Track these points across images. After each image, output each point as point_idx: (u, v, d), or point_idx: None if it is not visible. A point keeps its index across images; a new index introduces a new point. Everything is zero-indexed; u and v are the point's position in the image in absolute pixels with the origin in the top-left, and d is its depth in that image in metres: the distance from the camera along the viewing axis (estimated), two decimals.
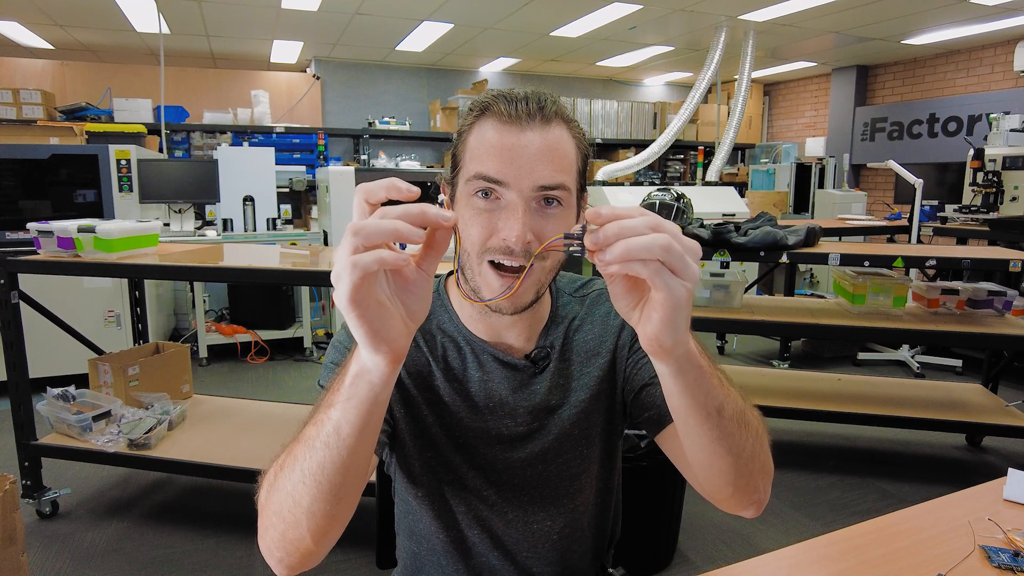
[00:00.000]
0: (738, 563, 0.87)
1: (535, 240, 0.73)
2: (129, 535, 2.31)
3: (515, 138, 0.73)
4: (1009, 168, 4.37)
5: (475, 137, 0.76)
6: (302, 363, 4.44)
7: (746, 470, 0.72)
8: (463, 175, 0.77)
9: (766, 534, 2.36)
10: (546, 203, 0.74)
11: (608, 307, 0.92)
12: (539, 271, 0.78)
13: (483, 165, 0.73)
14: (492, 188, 0.73)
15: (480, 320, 0.87)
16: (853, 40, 6.03)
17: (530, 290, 0.78)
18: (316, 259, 2.56)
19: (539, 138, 0.73)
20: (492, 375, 0.87)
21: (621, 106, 7.43)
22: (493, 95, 0.76)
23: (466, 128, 0.78)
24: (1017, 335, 2.53)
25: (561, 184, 0.74)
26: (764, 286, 5.52)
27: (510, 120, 0.74)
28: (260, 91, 6.28)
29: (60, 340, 2.72)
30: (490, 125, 0.75)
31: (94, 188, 3.91)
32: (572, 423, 0.89)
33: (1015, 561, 0.86)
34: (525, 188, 0.73)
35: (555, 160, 0.74)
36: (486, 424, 0.87)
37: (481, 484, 0.88)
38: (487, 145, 0.74)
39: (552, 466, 0.89)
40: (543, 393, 0.88)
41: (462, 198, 0.77)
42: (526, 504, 0.90)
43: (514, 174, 0.72)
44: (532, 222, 0.73)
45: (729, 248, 2.70)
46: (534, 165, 0.73)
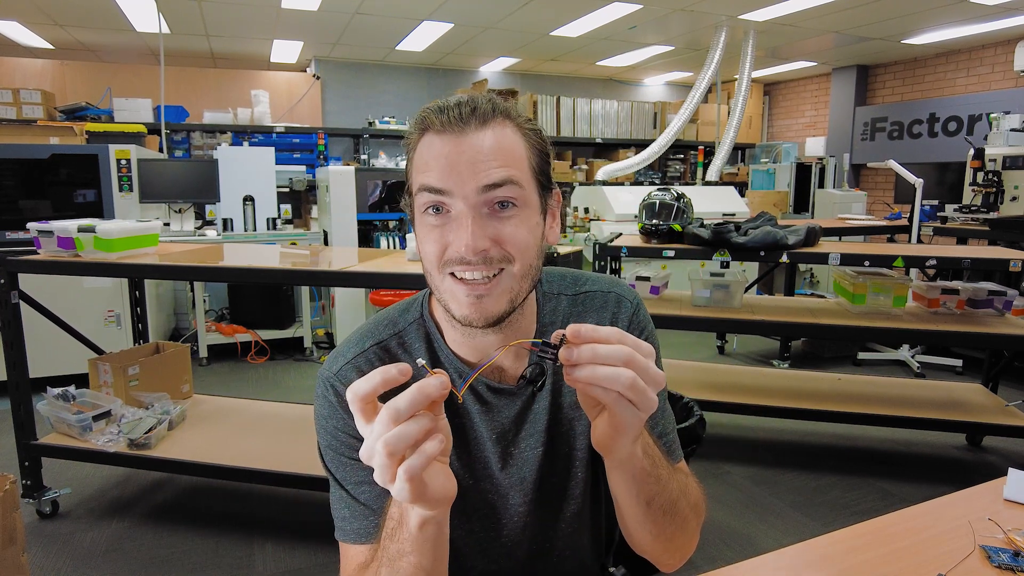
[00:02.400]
0: (738, 563, 0.87)
1: (494, 245, 0.71)
2: (129, 535, 2.31)
3: (453, 145, 0.71)
4: (1009, 168, 4.37)
5: (417, 154, 0.74)
6: (302, 363, 4.44)
7: (660, 547, 0.80)
8: (412, 192, 0.75)
9: (766, 534, 2.36)
10: (500, 207, 0.72)
11: (598, 316, 0.88)
12: (508, 278, 0.73)
13: (424, 177, 0.71)
14: (440, 202, 0.71)
15: (465, 343, 0.81)
16: (853, 40, 6.03)
17: (501, 299, 0.73)
18: (316, 259, 2.56)
19: (477, 139, 0.71)
20: (491, 405, 0.82)
21: (621, 106, 7.43)
22: (428, 109, 0.74)
23: (412, 146, 0.75)
24: (1017, 335, 2.53)
25: (507, 179, 0.71)
26: (764, 286, 5.51)
27: (444, 129, 0.71)
28: (260, 91, 6.28)
29: (60, 340, 2.72)
30: (429, 139, 0.72)
31: (94, 188, 3.91)
32: (581, 434, 0.86)
33: (1015, 561, 0.86)
34: (470, 193, 0.70)
35: (497, 158, 0.71)
36: (493, 456, 0.83)
37: (482, 511, 0.85)
38: (427, 157, 0.72)
39: (546, 479, 0.87)
40: (544, 415, 0.84)
41: (416, 217, 0.75)
42: (527, 520, 0.87)
43: (455, 180, 0.70)
44: (487, 227, 0.71)
45: (729, 248, 2.70)
46: (475, 168, 0.70)
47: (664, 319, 2.77)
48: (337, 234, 4.56)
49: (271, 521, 2.43)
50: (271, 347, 4.55)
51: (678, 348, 4.74)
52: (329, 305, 4.92)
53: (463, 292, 0.72)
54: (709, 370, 3.56)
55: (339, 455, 0.80)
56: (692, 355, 4.53)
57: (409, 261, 2.22)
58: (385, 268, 2.13)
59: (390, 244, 4.99)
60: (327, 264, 2.38)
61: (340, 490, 0.81)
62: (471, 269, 0.71)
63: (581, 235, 5.14)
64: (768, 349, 4.74)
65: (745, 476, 2.81)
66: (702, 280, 2.93)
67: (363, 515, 0.79)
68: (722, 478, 2.78)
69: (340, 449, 0.80)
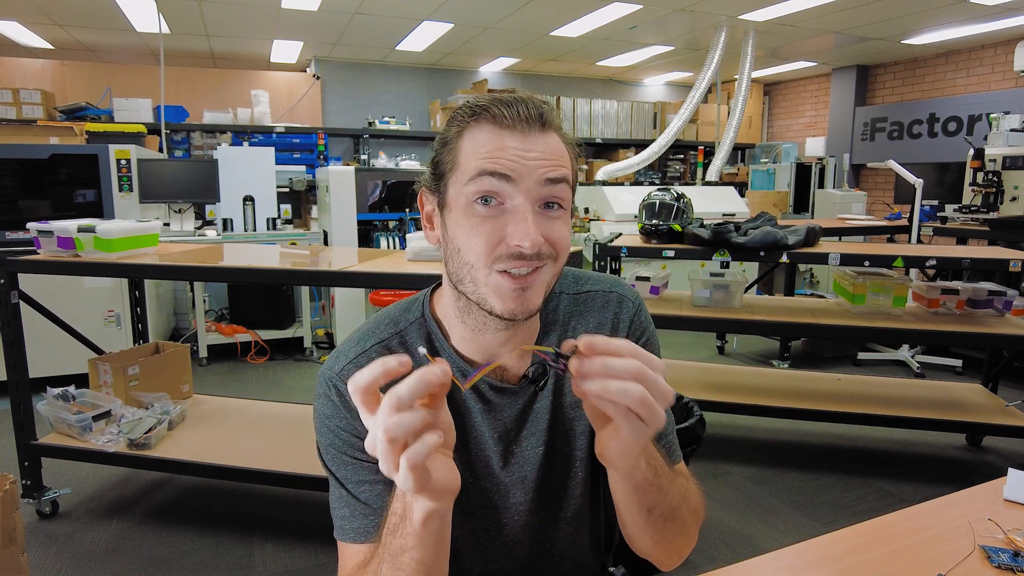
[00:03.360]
0: (738, 563, 0.87)
1: (545, 242, 0.72)
2: (129, 535, 2.31)
3: (518, 141, 0.71)
4: (1009, 168, 4.37)
5: (470, 141, 0.72)
6: (302, 363, 4.44)
7: (661, 550, 0.82)
8: (458, 180, 0.72)
9: (766, 534, 2.36)
10: (547, 207, 0.72)
11: (600, 316, 0.88)
12: (547, 273, 0.74)
13: (488, 163, 0.70)
14: (497, 191, 0.70)
15: (473, 340, 0.80)
16: (853, 40, 6.03)
17: (539, 292, 0.74)
18: (316, 259, 2.56)
19: (541, 142, 0.72)
20: (493, 404, 0.82)
21: (621, 106, 7.43)
22: (487, 99, 0.73)
23: (453, 135, 0.74)
24: (1017, 335, 2.53)
25: (564, 178, 0.72)
26: (764, 286, 5.51)
27: (510, 124, 0.71)
28: (260, 91, 6.28)
29: (60, 340, 2.72)
30: (486, 129, 0.72)
31: (94, 188, 3.91)
32: (581, 433, 0.86)
33: (1015, 561, 0.86)
34: (532, 185, 0.70)
35: (559, 159, 0.73)
36: (495, 454, 0.83)
37: (483, 509, 0.85)
38: (488, 146, 0.71)
39: (547, 477, 0.86)
40: (545, 414, 0.84)
41: (457, 206, 0.73)
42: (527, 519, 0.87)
43: (523, 168, 0.70)
44: (541, 224, 0.71)
45: (729, 248, 2.70)
46: (541, 161, 0.71)
47: (664, 319, 2.77)
48: (337, 234, 4.56)
49: (271, 521, 2.43)
50: (271, 347, 4.55)
51: (678, 348, 4.74)
52: (329, 305, 4.92)
53: (509, 287, 0.71)
54: (709, 370, 3.56)
55: (341, 454, 0.80)
56: (692, 355, 4.53)
57: (409, 261, 2.22)
58: (385, 268, 2.12)
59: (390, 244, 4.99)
60: (327, 264, 2.38)
61: (340, 489, 0.81)
62: (523, 264, 0.71)
63: (581, 235, 5.14)
64: (768, 349, 4.74)
65: (745, 476, 2.81)
66: (702, 280, 2.93)
67: (363, 514, 0.79)
68: (722, 478, 2.78)
69: (342, 448, 0.79)
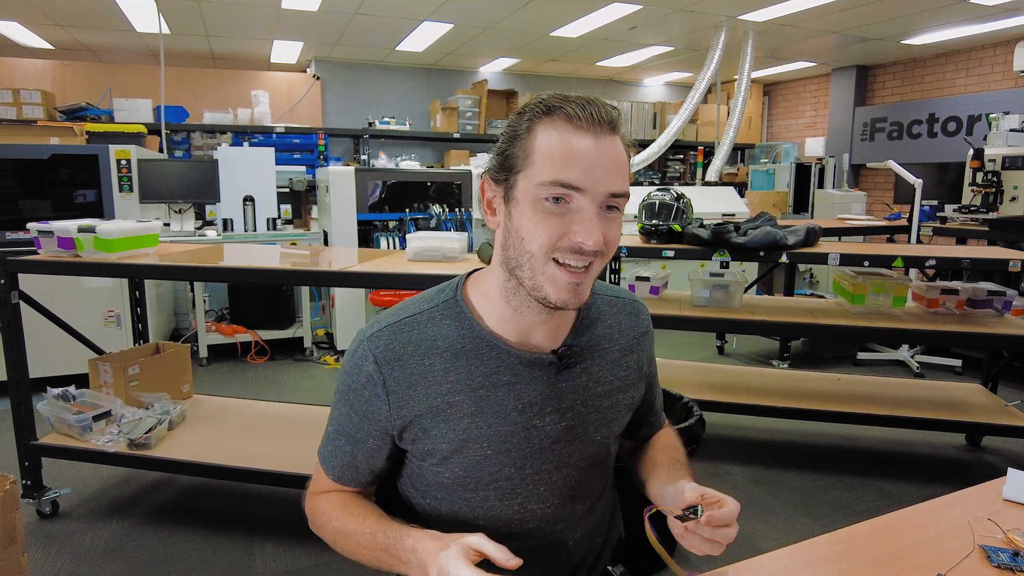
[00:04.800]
0: (738, 563, 0.88)
1: (601, 243, 0.78)
2: (129, 535, 2.31)
3: (591, 145, 0.76)
4: (1008, 168, 4.37)
5: (544, 139, 0.77)
6: (302, 363, 4.44)
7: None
8: (531, 178, 0.78)
9: (766, 534, 2.36)
10: (608, 209, 0.79)
11: (634, 322, 0.99)
12: (596, 269, 0.82)
13: (563, 172, 0.76)
14: (568, 195, 0.76)
15: (512, 319, 0.86)
16: (853, 40, 6.03)
17: (589, 286, 0.82)
18: (316, 259, 2.56)
19: (611, 147, 0.78)
20: (520, 377, 0.87)
21: (621, 106, 7.43)
22: (560, 97, 0.78)
23: (523, 129, 0.79)
24: (1017, 335, 2.53)
25: (626, 192, 0.80)
26: (764, 286, 5.52)
27: (584, 126, 0.76)
28: (260, 91, 6.28)
29: (60, 340, 2.71)
30: (561, 128, 0.76)
31: (94, 188, 3.91)
32: (597, 418, 0.92)
33: (1015, 561, 0.86)
34: (600, 195, 0.77)
35: (622, 170, 0.79)
36: (516, 427, 0.87)
37: (509, 488, 0.89)
38: (564, 150, 0.76)
39: (576, 459, 0.91)
40: (569, 391, 0.89)
41: (525, 200, 0.78)
42: (549, 508, 0.91)
43: (592, 181, 0.76)
44: (602, 225, 0.78)
45: (729, 248, 2.70)
46: (608, 173, 0.77)
47: (664, 319, 2.77)
48: (337, 234, 4.56)
49: (271, 521, 2.43)
50: (271, 347, 4.55)
51: (678, 348, 4.74)
52: (329, 305, 4.92)
53: (565, 278, 0.79)
54: (709, 370, 3.56)
55: (350, 407, 0.90)
56: (692, 355, 4.53)
57: (409, 261, 2.22)
58: (385, 268, 2.13)
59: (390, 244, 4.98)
60: (327, 264, 2.39)
61: (333, 429, 0.94)
62: (581, 259, 0.78)
63: None
64: (768, 349, 4.74)
65: (745, 476, 2.81)
66: (702, 280, 2.93)
67: (343, 465, 0.93)
68: (722, 478, 2.78)
69: (352, 402, 0.89)
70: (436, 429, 0.86)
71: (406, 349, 0.86)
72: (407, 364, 0.86)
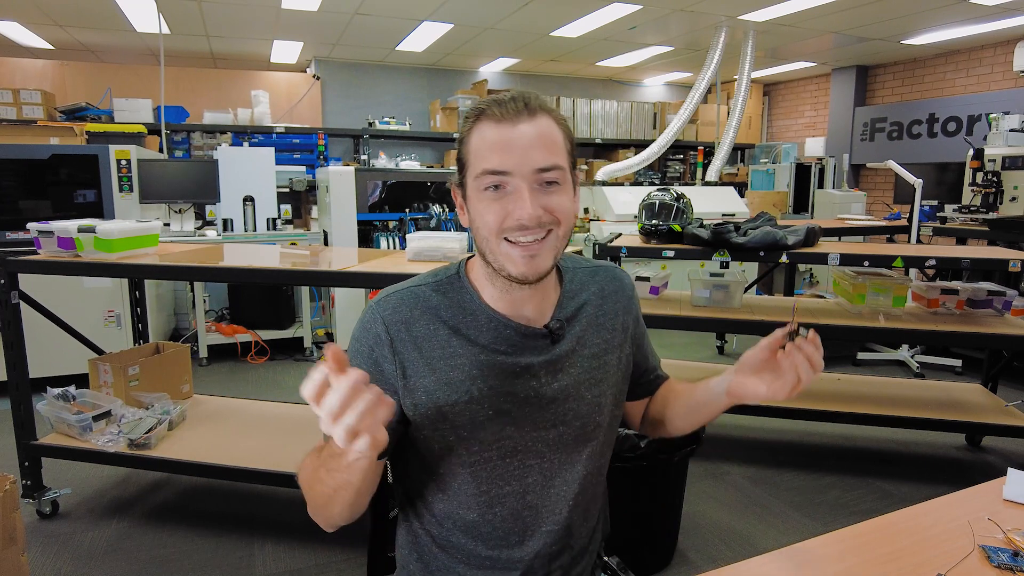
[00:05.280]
0: (738, 563, 0.88)
1: (545, 213, 0.86)
2: (129, 535, 2.31)
3: (510, 133, 0.86)
4: (1008, 168, 4.37)
5: (475, 139, 0.88)
6: (302, 363, 4.44)
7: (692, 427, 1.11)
8: (471, 174, 0.89)
9: (766, 534, 2.36)
10: (546, 184, 0.87)
11: (615, 287, 1.06)
12: (554, 238, 0.89)
13: (487, 162, 0.86)
14: (500, 182, 0.86)
15: (502, 297, 0.95)
16: (853, 40, 6.03)
17: (548, 256, 0.89)
18: (316, 259, 2.56)
19: (530, 129, 0.86)
20: (517, 346, 0.94)
21: (621, 106, 7.43)
22: (485, 101, 0.88)
23: (465, 134, 0.90)
24: (1017, 335, 2.53)
25: (555, 164, 0.87)
26: (764, 286, 5.51)
27: (502, 119, 0.86)
28: (260, 91, 6.27)
29: (60, 340, 2.72)
30: (487, 126, 0.87)
31: (94, 188, 3.91)
32: (587, 378, 0.98)
33: (1015, 561, 0.86)
34: (526, 172, 0.86)
35: (546, 145, 0.87)
36: (515, 389, 0.94)
37: (510, 446, 0.94)
38: (488, 143, 0.87)
39: (571, 417, 0.96)
40: (562, 355, 0.96)
41: (474, 194, 0.89)
42: (546, 464, 0.96)
43: (514, 162, 0.85)
44: (539, 199, 0.86)
45: (729, 248, 2.70)
46: (529, 152, 0.85)
47: (664, 319, 2.77)
48: (337, 234, 4.56)
49: (271, 521, 2.43)
50: (271, 347, 4.55)
51: (678, 348, 4.74)
52: (329, 305, 4.92)
53: (518, 253, 0.87)
54: (709, 370, 3.56)
55: (355, 365, 0.88)
56: (692, 355, 4.53)
57: (410, 261, 2.22)
58: (385, 268, 2.12)
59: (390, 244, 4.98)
60: (327, 264, 2.39)
61: None
62: (527, 233, 0.86)
63: (581, 235, 5.14)
64: None
65: (745, 476, 2.81)
66: (702, 280, 2.93)
67: None
68: (722, 478, 2.79)
69: (361, 364, 0.92)
70: (440, 391, 0.91)
71: (412, 314, 0.94)
72: (413, 327, 0.93)
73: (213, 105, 6.30)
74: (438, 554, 0.97)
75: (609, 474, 1.09)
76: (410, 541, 1.01)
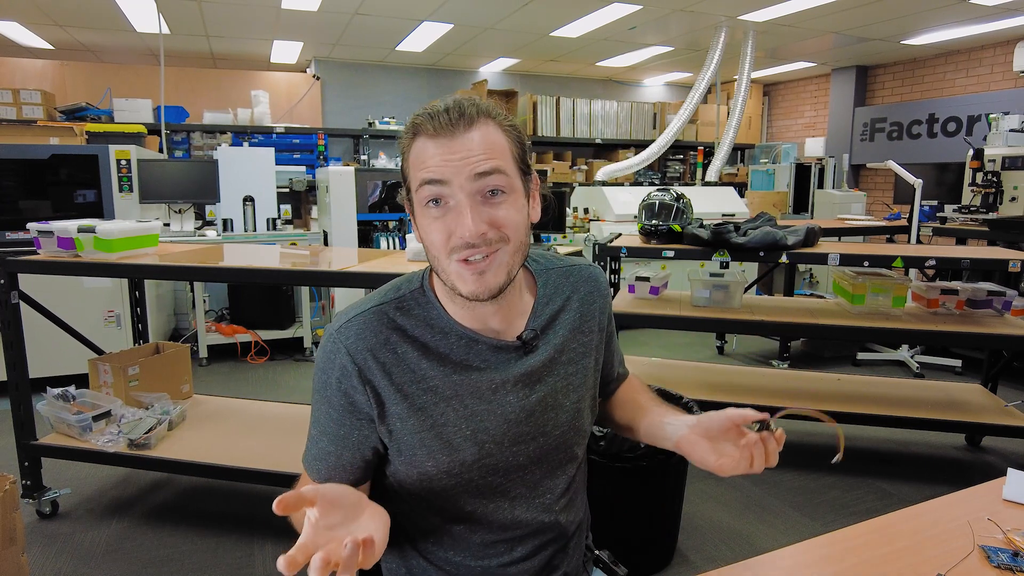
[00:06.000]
0: (738, 563, 0.88)
1: (491, 228, 0.81)
2: (129, 535, 2.31)
3: (446, 145, 0.81)
4: (1008, 168, 4.37)
5: (413, 154, 0.83)
6: (302, 363, 4.44)
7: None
8: (412, 188, 0.84)
9: (766, 534, 2.36)
10: (491, 194, 0.81)
11: (592, 287, 1.02)
12: (504, 253, 0.83)
13: (423, 173, 0.81)
14: (439, 194, 0.81)
15: (466, 312, 0.90)
16: (853, 40, 6.03)
17: (499, 273, 0.83)
18: (316, 259, 2.56)
19: (466, 138, 0.81)
20: (490, 362, 0.90)
21: (621, 106, 7.43)
22: (420, 115, 0.83)
23: (405, 149, 0.85)
24: (1016, 335, 2.53)
25: (495, 168, 0.81)
26: (764, 286, 5.52)
27: (438, 132, 0.81)
28: (260, 91, 6.28)
29: (60, 340, 2.72)
30: (423, 141, 0.82)
31: (94, 188, 3.91)
32: (565, 385, 0.95)
33: (1015, 561, 0.86)
34: (464, 182, 0.80)
35: (485, 151, 0.81)
36: (491, 406, 0.90)
37: (491, 464, 0.91)
38: (424, 157, 0.82)
39: (551, 427, 0.94)
40: (538, 365, 0.93)
41: (418, 210, 0.84)
42: (529, 476, 0.94)
43: (452, 171, 0.80)
44: (482, 213, 0.81)
45: (729, 248, 2.70)
46: (467, 160, 0.80)
47: (664, 319, 2.77)
48: (337, 234, 4.56)
49: (271, 521, 2.41)
50: (271, 347, 4.55)
51: (678, 348, 4.74)
52: (329, 305, 4.92)
53: (468, 272, 0.82)
54: (709, 370, 3.56)
55: (328, 404, 0.89)
56: (692, 355, 4.53)
57: (409, 261, 2.22)
58: (385, 268, 2.13)
59: (390, 244, 4.98)
60: (327, 264, 2.39)
61: (316, 431, 0.92)
62: (475, 251, 0.81)
63: (581, 235, 5.13)
64: (768, 349, 4.74)
65: (745, 476, 2.78)
66: (702, 280, 2.93)
67: (326, 461, 0.91)
68: (722, 478, 2.79)
69: (330, 398, 0.89)
70: (414, 417, 0.88)
71: (377, 338, 0.88)
72: (379, 354, 0.88)
73: (213, 105, 6.30)
74: (427, 568, 0.96)
75: (609, 474, 1.09)
76: (397, 554, 0.99)
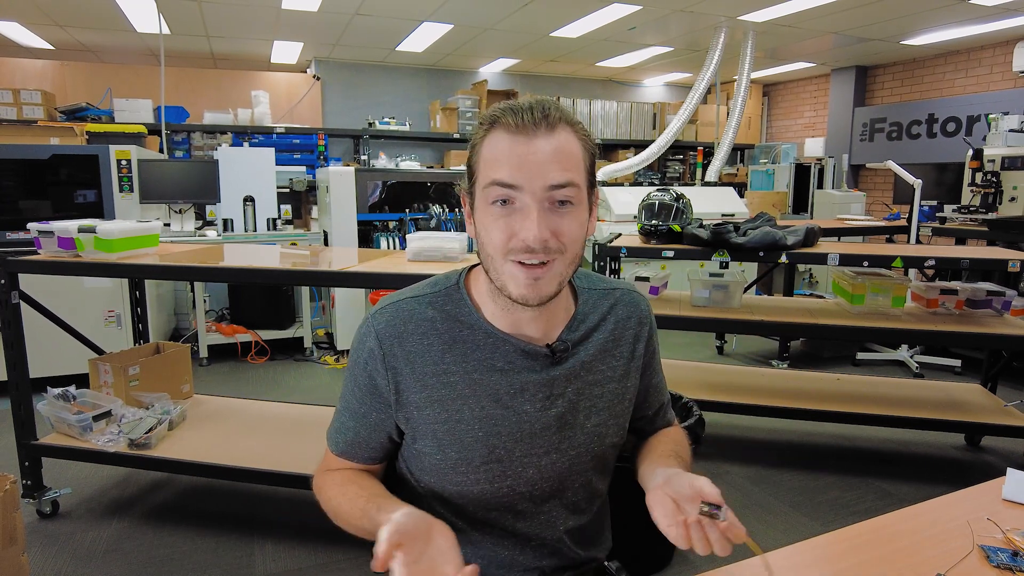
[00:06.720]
0: (738, 563, 0.88)
1: (552, 237, 0.81)
2: (129, 535, 2.31)
3: (524, 146, 0.80)
4: (1008, 168, 4.37)
5: (487, 148, 0.82)
6: (302, 363, 4.44)
7: None
8: (479, 184, 0.84)
9: (766, 534, 2.37)
10: (559, 204, 0.81)
11: (631, 312, 0.99)
12: (560, 264, 0.83)
13: (497, 173, 0.80)
14: (509, 196, 0.80)
15: (503, 316, 0.90)
16: (852, 40, 6.03)
17: (552, 282, 0.84)
18: (316, 259, 2.56)
19: (546, 143, 0.80)
20: (515, 364, 0.90)
21: (621, 106, 7.44)
22: (501, 108, 0.82)
23: (478, 141, 0.84)
24: (1016, 335, 2.53)
25: (569, 181, 0.81)
26: (763, 286, 5.52)
27: (518, 130, 0.80)
28: (260, 91, 6.27)
29: (60, 340, 2.72)
30: (500, 136, 0.81)
31: (94, 188, 3.91)
32: (588, 405, 0.93)
33: (1014, 561, 0.86)
34: (537, 190, 0.80)
35: (562, 161, 0.80)
36: (507, 411, 0.90)
37: (499, 470, 0.90)
38: (499, 154, 0.81)
39: (566, 446, 0.92)
40: (562, 379, 0.91)
41: (481, 206, 0.84)
42: (537, 491, 0.93)
43: (526, 178, 0.79)
44: (548, 221, 0.81)
45: (728, 248, 2.70)
46: (544, 168, 0.79)
47: (664, 319, 2.76)
48: (337, 234, 4.56)
49: (271, 521, 2.43)
50: (271, 347, 4.55)
51: (678, 348, 4.74)
52: (329, 305, 4.92)
53: (523, 275, 0.82)
54: (708, 370, 3.56)
55: (355, 382, 0.93)
56: (692, 355, 4.53)
57: (410, 261, 2.22)
58: (385, 268, 2.13)
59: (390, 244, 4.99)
60: (327, 264, 2.39)
61: (341, 406, 0.97)
62: (533, 256, 0.81)
63: None
64: (767, 349, 4.74)
65: (745, 476, 2.81)
66: (701, 280, 2.93)
67: (345, 435, 0.96)
68: (722, 478, 2.78)
69: (357, 377, 0.93)
70: (430, 408, 0.89)
71: (407, 327, 0.90)
72: (406, 341, 0.90)
73: (213, 105, 6.29)
74: None
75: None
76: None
